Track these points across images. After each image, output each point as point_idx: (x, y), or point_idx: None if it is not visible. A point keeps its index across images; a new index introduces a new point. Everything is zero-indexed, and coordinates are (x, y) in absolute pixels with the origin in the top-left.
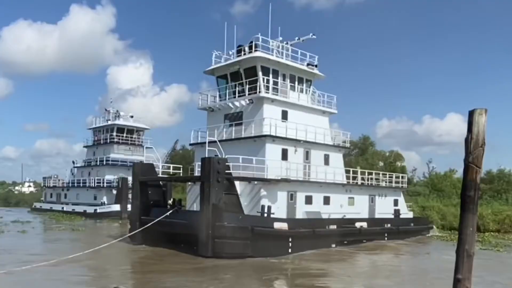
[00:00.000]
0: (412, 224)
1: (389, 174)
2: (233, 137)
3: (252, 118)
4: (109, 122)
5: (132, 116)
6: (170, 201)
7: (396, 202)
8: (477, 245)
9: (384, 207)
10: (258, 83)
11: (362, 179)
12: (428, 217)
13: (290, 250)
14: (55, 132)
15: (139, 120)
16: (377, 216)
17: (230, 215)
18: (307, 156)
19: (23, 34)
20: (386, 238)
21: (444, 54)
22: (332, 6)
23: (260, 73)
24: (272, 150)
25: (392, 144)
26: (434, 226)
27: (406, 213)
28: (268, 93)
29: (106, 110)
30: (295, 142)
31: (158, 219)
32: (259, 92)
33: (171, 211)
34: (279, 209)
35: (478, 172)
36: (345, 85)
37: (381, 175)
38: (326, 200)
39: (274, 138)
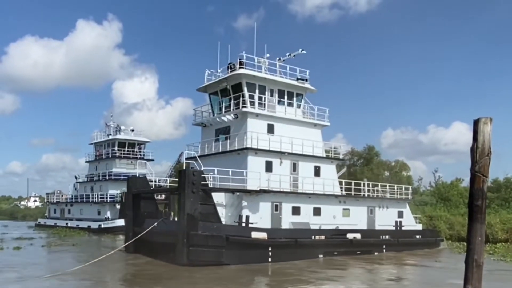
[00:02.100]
0: (418, 236)
1: (389, 185)
2: (220, 151)
3: (238, 132)
4: (110, 137)
5: (133, 130)
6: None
7: (401, 214)
8: (489, 257)
9: (386, 219)
10: (243, 99)
11: (362, 190)
12: (436, 227)
13: (270, 259)
14: (61, 147)
15: (140, 134)
16: (377, 228)
17: (205, 224)
18: (294, 167)
19: (30, 50)
20: (384, 250)
21: (448, 63)
22: (335, 18)
23: (245, 89)
24: (255, 162)
25: (398, 154)
26: (445, 239)
27: (414, 225)
28: (254, 107)
29: (106, 124)
30: (280, 154)
31: (146, 230)
32: (243, 107)
33: (157, 222)
34: (262, 219)
35: (485, 181)
36: (350, 96)
37: (379, 186)
38: (317, 211)
39: (257, 151)
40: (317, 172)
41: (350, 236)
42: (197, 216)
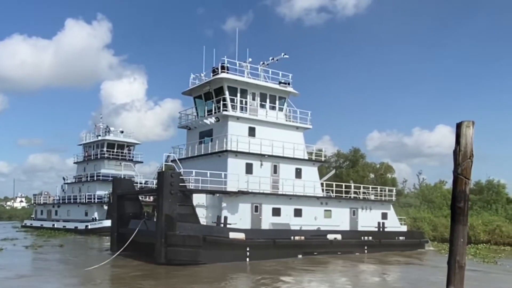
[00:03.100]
0: (401, 238)
1: (372, 187)
2: (202, 153)
3: (220, 135)
4: (99, 138)
5: (122, 131)
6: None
7: (385, 215)
8: (471, 258)
9: (369, 220)
10: (224, 102)
11: (343, 192)
12: (420, 228)
13: (248, 259)
14: (48, 147)
15: (130, 135)
16: (360, 229)
17: (182, 224)
18: (275, 169)
19: (18, 49)
20: (366, 251)
21: (432, 67)
22: (323, 22)
23: (227, 93)
24: (235, 164)
25: (383, 156)
26: (429, 241)
27: (398, 226)
28: (235, 111)
29: (96, 125)
30: (260, 156)
31: (134, 234)
32: (223, 110)
33: (140, 223)
34: (241, 220)
35: (467, 183)
36: (337, 98)
37: (362, 188)
38: (298, 213)
39: (237, 153)
40: (298, 174)
41: (330, 237)
42: (175, 216)
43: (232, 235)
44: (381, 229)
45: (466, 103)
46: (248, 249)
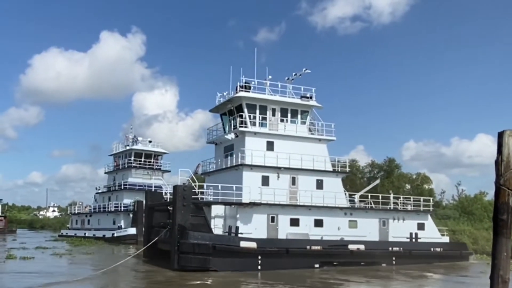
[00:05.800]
0: (438, 249)
1: (404, 197)
2: (223, 167)
3: (238, 150)
4: (127, 148)
5: (150, 141)
6: None
7: (421, 226)
8: None
9: (402, 231)
10: (240, 119)
11: (376, 203)
12: (459, 241)
13: (259, 267)
14: (80, 158)
15: (158, 145)
16: (391, 240)
17: (193, 233)
18: (293, 181)
19: (54, 62)
20: (394, 262)
21: (471, 73)
22: (357, 30)
23: (245, 110)
24: (250, 177)
25: (420, 167)
26: (474, 253)
27: (438, 238)
28: (254, 127)
29: (126, 136)
30: (277, 169)
31: (152, 241)
32: (241, 127)
33: (163, 232)
34: (256, 230)
35: (510, 194)
36: (372, 107)
37: (391, 198)
38: (318, 223)
39: (252, 167)
40: (319, 185)
41: (352, 247)
42: (187, 226)
43: (243, 244)
44: (413, 240)
45: (508, 111)
46: (259, 257)
